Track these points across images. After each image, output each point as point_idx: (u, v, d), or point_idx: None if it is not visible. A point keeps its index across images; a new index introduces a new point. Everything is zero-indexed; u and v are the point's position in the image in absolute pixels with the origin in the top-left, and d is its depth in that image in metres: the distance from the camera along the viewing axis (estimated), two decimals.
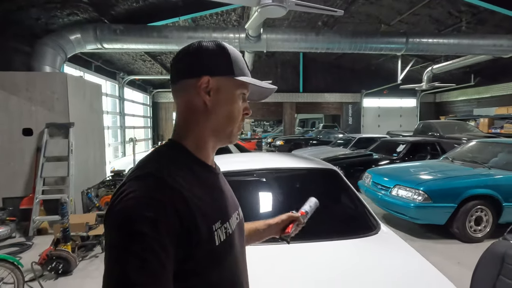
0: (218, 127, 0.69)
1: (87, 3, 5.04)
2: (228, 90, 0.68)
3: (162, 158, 0.65)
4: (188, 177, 0.62)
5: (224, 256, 0.65)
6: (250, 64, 8.36)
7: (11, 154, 4.26)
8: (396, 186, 4.10)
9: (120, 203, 0.54)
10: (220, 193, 0.71)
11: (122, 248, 0.51)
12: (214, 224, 0.63)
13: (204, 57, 0.67)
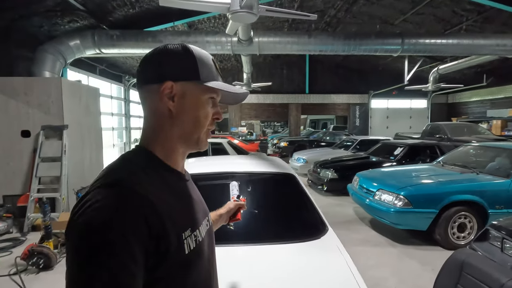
0: (185, 134, 0.67)
1: (84, 11, 5.28)
2: (194, 95, 0.66)
3: (129, 165, 0.63)
4: (156, 184, 0.61)
5: (194, 264, 0.64)
6: (249, 65, 8.45)
7: (10, 154, 4.54)
8: (379, 190, 4.06)
9: (84, 213, 0.51)
10: (189, 200, 0.70)
11: (88, 260, 0.48)
12: (184, 232, 0.61)
13: (167, 61, 0.65)
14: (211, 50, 6.01)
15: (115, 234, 0.49)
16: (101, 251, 0.48)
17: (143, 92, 0.67)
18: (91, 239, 0.49)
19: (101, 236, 0.49)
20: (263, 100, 14.20)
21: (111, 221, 0.50)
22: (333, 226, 3.91)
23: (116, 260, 0.48)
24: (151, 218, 0.54)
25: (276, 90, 14.22)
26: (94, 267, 0.48)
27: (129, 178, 0.57)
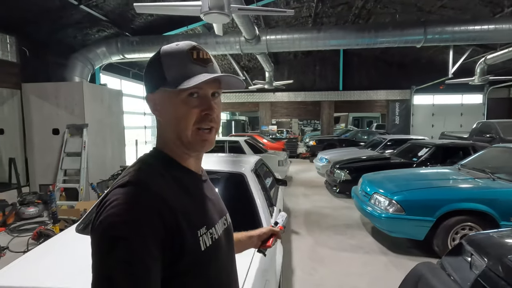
0: (176, 138, 0.68)
1: (108, 21, 5.86)
2: (167, 100, 0.67)
3: (145, 166, 0.66)
4: (171, 183, 0.64)
5: (211, 261, 0.66)
6: (268, 64, 8.40)
7: (45, 149, 5.29)
8: (375, 193, 3.77)
9: (103, 212, 0.56)
10: (204, 199, 0.72)
11: (107, 255, 0.52)
12: (199, 230, 0.64)
13: (147, 74, 0.69)
14: (221, 50, 6.18)
15: (130, 230, 0.53)
16: (118, 246, 0.52)
17: None
18: (109, 235, 0.53)
19: (118, 232, 0.53)
20: (294, 98, 13.99)
21: (127, 218, 0.54)
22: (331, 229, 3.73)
23: (133, 255, 0.52)
24: (165, 215, 0.57)
25: (308, 88, 13.89)
26: (112, 262, 0.51)
27: (145, 178, 0.61)
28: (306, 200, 6.05)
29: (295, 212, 5.18)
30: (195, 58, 0.66)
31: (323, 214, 5.08)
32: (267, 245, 1.04)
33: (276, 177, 3.82)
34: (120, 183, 0.61)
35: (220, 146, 7.77)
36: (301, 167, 10.61)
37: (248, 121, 21.76)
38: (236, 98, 14.37)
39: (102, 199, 0.59)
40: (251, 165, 2.74)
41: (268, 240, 1.05)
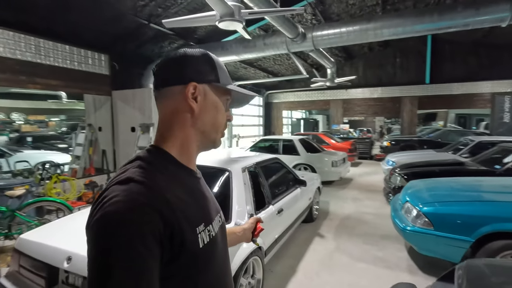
0: (204, 133, 0.71)
1: (174, 34, 6.80)
2: (214, 96, 0.71)
3: (144, 163, 0.65)
4: (169, 180, 0.63)
5: (208, 258, 0.66)
6: (326, 60, 8.06)
7: (126, 143, 6.57)
8: (406, 202, 3.31)
9: (101, 208, 0.55)
10: (202, 197, 0.72)
11: (107, 253, 0.51)
12: (198, 227, 0.64)
13: (190, 64, 0.69)
14: (269, 52, 6.34)
15: (130, 228, 0.52)
16: (117, 243, 0.51)
17: (163, 94, 0.70)
18: (108, 232, 0.52)
19: (118, 229, 0.52)
20: (369, 94, 12.88)
21: (126, 215, 0.53)
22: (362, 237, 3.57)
23: (132, 252, 0.51)
24: (165, 212, 0.56)
25: (386, 82, 12.55)
26: (111, 259, 0.51)
27: (145, 175, 0.60)
28: (353, 204, 5.64)
29: (332, 215, 4.94)
30: (228, 72, 0.77)
31: (362, 220, 4.69)
32: (257, 229, 1.13)
33: (297, 178, 3.78)
34: (119, 179, 0.60)
35: (274, 145, 7.97)
36: (370, 169, 9.78)
37: (327, 120, 21.02)
38: (306, 97, 14.21)
39: (100, 196, 0.58)
40: (247, 164, 2.85)
41: (257, 227, 1.14)
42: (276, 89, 14.62)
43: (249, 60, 10.19)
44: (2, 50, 4.67)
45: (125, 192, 0.56)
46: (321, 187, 5.03)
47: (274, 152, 7.75)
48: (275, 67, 11.72)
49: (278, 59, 10.86)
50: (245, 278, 2.30)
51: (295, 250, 3.59)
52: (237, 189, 2.46)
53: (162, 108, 0.71)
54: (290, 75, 12.24)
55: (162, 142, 0.70)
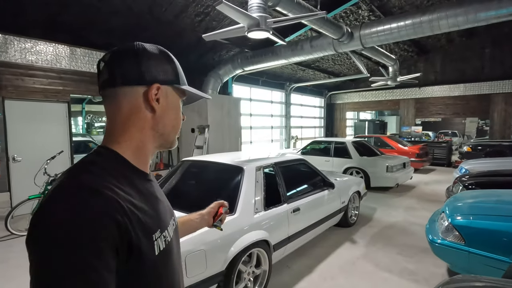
0: (163, 135, 0.69)
1: (229, 43, 7.40)
2: (174, 98, 0.71)
3: (94, 166, 0.60)
4: (124, 186, 0.59)
5: (164, 264, 0.65)
6: (386, 58, 7.50)
7: (187, 142, 7.45)
8: (443, 213, 3.00)
9: (46, 217, 0.49)
10: (156, 201, 0.69)
11: (55, 266, 0.46)
12: (154, 234, 0.61)
13: (152, 63, 0.66)
14: (317, 54, 6.33)
15: (83, 240, 0.48)
16: (68, 258, 0.46)
17: (118, 92, 0.64)
18: (56, 245, 0.47)
19: (68, 243, 0.47)
20: (448, 92, 11.30)
21: (76, 225, 0.48)
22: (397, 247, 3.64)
23: (85, 266, 0.47)
24: (120, 221, 0.53)
25: (471, 78, 10.82)
26: (60, 272, 0.46)
27: (93, 180, 0.55)
28: (404, 213, 5.19)
29: (374, 223, 4.68)
30: None
31: (406, 231, 4.32)
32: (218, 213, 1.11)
33: (326, 180, 3.78)
34: (64, 186, 0.55)
35: (326, 148, 7.83)
36: (441, 177, 8.65)
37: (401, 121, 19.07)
38: (372, 97, 13.32)
39: (42, 207, 0.52)
40: (263, 163, 3.05)
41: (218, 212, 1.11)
42: (339, 89, 14.13)
43: (306, 62, 10.20)
44: (95, 67, 5.95)
45: (75, 200, 0.51)
46: (362, 192, 4.81)
47: (325, 155, 7.64)
48: (335, 67, 11.39)
49: (337, 59, 10.56)
50: (247, 266, 2.53)
51: (319, 252, 3.61)
52: (246, 186, 2.70)
53: (116, 108, 0.65)
54: (352, 74, 11.71)
55: (114, 143, 0.65)
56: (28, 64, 5.09)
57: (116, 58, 0.65)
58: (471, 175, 5.20)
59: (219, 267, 2.24)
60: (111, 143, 0.65)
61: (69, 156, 5.67)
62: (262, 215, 2.69)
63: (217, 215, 1.11)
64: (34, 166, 4.73)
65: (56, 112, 5.52)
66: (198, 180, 3.24)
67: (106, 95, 0.66)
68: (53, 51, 5.38)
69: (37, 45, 5.19)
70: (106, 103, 0.67)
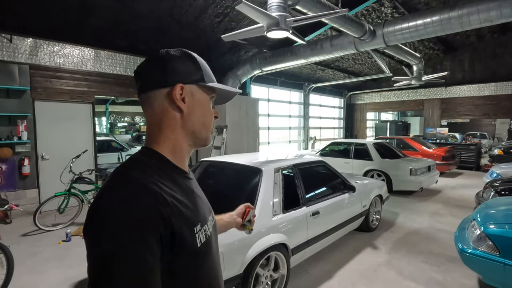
0: (194, 133, 0.72)
1: (248, 44, 7.39)
2: (201, 96, 0.72)
3: (141, 164, 0.66)
4: (166, 181, 0.64)
5: (205, 257, 0.69)
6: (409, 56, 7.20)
7: None
8: (474, 220, 2.82)
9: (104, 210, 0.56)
10: (196, 197, 0.73)
11: (109, 254, 0.52)
12: (195, 227, 0.66)
13: (174, 65, 0.69)
14: (337, 53, 6.18)
15: (133, 229, 0.53)
16: (120, 244, 0.52)
17: (150, 97, 0.69)
18: (110, 233, 0.53)
19: (120, 230, 0.53)
20: (477, 91, 10.71)
21: (128, 216, 0.54)
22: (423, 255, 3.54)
23: (135, 252, 0.52)
24: (165, 214, 0.58)
25: (504, 76, 10.19)
26: (114, 260, 0.52)
27: (141, 176, 0.61)
28: (429, 219, 4.95)
29: (396, 228, 4.49)
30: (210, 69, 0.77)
31: (433, 238, 4.11)
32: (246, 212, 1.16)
33: (346, 183, 3.67)
34: (119, 181, 0.61)
35: (345, 149, 7.63)
36: (470, 182, 8.21)
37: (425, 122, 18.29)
38: (394, 97, 12.89)
39: (97, 199, 0.58)
40: (282, 165, 2.99)
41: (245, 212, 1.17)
42: (359, 89, 13.78)
43: (326, 61, 10.02)
44: (118, 69, 6.14)
45: (126, 194, 0.57)
46: (385, 196, 4.64)
47: (345, 156, 7.46)
48: (356, 66, 11.10)
49: (358, 58, 10.29)
50: (264, 270, 2.48)
51: (339, 256, 3.50)
52: (265, 187, 2.66)
53: (151, 111, 0.70)
54: (373, 74, 11.37)
55: (154, 144, 0.70)
56: (56, 66, 5.32)
57: (145, 66, 0.71)
58: (504, 180, 4.88)
59: (237, 270, 2.21)
60: (152, 144, 0.70)
61: (92, 155, 5.87)
62: (280, 218, 2.63)
63: (245, 215, 1.16)
64: (61, 164, 4.93)
65: (81, 112, 5.73)
66: (216, 181, 3.24)
67: (142, 101, 0.72)
68: (79, 53, 5.59)
69: (65, 48, 5.42)
70: (143, 108, 0.72)
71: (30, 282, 2.89)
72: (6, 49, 4.79)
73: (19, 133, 4.85)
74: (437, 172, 7.14)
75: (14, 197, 4.82)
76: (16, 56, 4.89)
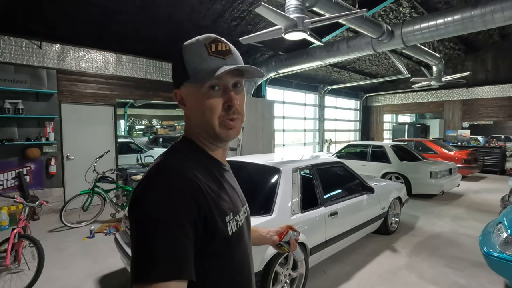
0: (203, 130, 0.72)
1: (264, 46, 7.46)
2: (192, 93, 0.69)
3: (179, 153, 0.70)
4: (201, 170, 0.67)
5: (236, 245, 0.71)
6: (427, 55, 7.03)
7: None
8: (500, 223, 2.73)
9: (143, 195, 0.60)
10: (230, 188, 0.76)
11: (148, 233, 0.56)
12: (227, 216, 0.68)
13: (173, 69, 0.73)
14: (354, 54, 6.14)
15: (169, 213, 0.57)
16: (157, 225, 0.56)
17: None
18: (149, 217, 0.57)
19: (158, 214, 0.57)
20: (501, 92, 10.30)
21: (165, 201, 0.58)
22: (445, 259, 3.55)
23: (170, 234, 0.56)
24: (199, 200, 0.61)
25: None
26: (151, 239, 0.56)
27: (180, 164, 0.65)
28: (451, 222, 4.80)
29: (417, 231, 4.38)
30: (214, 51, 0.68)
31: (455, 242, 3.98)
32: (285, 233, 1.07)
33: (364, 184, 3.63)
34: (159, 167, 0.65)
35: (362, 151, 7.53)
36: (494, 186, 7.90)
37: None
38: (412, 98, 12.59)
39: (142, 181, 0.63)
40: (300, 165, 3.01)
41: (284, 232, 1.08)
42: (376, 91, 13.55)
43: (342, 63, 9.94)
44: (138, 73, 6.34)
45: (163, 180, 0.61)
46: (404, 199, 4.54)
47: (362, 159, 7.35)
48: (373, 68, 10.94)
49: (375, 59, 10.14)
50: (283, 268, 2.50)
51: (357, 258, 3.46)
52: (283, 187, 2.68)
53: None
54: (391, 75, 11.17)
55: (191, 135, 0.75)
56: (81, 71, 5.57)
57: None
58: None
59: (256, 267, 2.24)
60: (189, 134, 0.75)
61: (114, 156, 6.08)
62: (299, 217, 2.65)
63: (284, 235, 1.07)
64: (84, 164, 5.14)
65: (104, 114, 5.95)
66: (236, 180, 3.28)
67: None
68: (102, 58, 5.83)
69: (89, 53, 5.67)
70: None
71: (57, 275, 3.02)
72: (36, 55, 5.07)
73: (47, 134, 5.10)
74: (458, 176, 6.91)
75: (41, 195, 5.06)
76: (45, 61, 5.16)
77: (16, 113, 4.80)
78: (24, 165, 5.03)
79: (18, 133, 4.95)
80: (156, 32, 5.88)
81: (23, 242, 2.98)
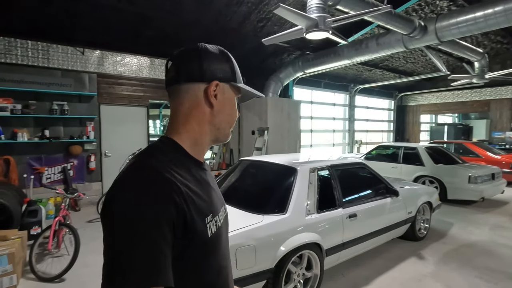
0: (219, 129, 0.75)
1: (290, 46, 7.44)
2: (230, 94, 0.76)
3: (158, 153, 0.67)
4: (181, 170, 0.66)
5: (215, 247, 0.70)
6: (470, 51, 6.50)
7: (248, 144, 7.73)
8: None
9: (119, 194, 0.57)
10: (209, 188, 0.74)
11: (123, 237, 0.53)
12: (207, 217, 0.67)
13: (212, 62, 0.72)
14: (384, 52, 5.91)
15: (147, 215, 0.55)
16: (132, 228, 0.54)
17: (182, 88, 0.71)
18: (124, 217, 0.55)
19: (133, 215, 0.54)
20: None
21: (142, 201, 0.55)
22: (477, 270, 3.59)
23: (147, 237, 0.54)
24: (178, 202, 0.59)
25: None
26: (126, 243, 0.53)
27: (158, 164, 0.63)
28: (489, 232, 4.43)
29: (448, 239, 4.11)
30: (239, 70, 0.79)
31: (490, 252, 3.68)
32: None
33: (389, 187, 3.50)
34: (136, 167, 0.63)
35: (393, 153, 7.20)
36: None
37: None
38: (453, 97, 11.73)
39: (115, 182, 0.60)
40: (319, 165, 2.99)
41: None
42: (412, 90, 12.82)
43: (373, 61, 9.57)
44: (159, 74, 6.67)
45: (140, 179, 0.58)
46: (435, 204, 4.28)
47: (393, 161, 7.03)
48: (408, 65, 10.38)
49: (410, 56, 9.62)
50: (297, 267, 2.51)
51: (379, 263, 3.34)
52: (299, 187, 2.69)
53: (179, 102, 0.72)
54: (428, 73, 10.51)
55: (175, 134, 0.72)
56: (118, 74, 6.01)
57: (182, 57, 0.73)
58: None
59: (268, 264, 2.29)
60: (172, 133, 0.72)
61: None
62: (314, 217, 2.64)
63: None
64: (120, 161, 5.54)
65: (138, 115, 6.36)
66: (253, 179, 3.35)
67: (171, 90, 0.74)
68: (136, 62, 6.23)
69: (125, 58, 6.09)
70: (171, 98, 0.74)
71: (93, 261, 3.32)
72: (79, 61, 5.57)
73: (88, 133, 5.58)
74: (503, 181, 6.33)
75: (82, 189, 5.55)
76: (87, 66, 5.66)
77: (62, 113, 5.32)
78: (68, 161, 5.55)
79: (63, 132, 5.48)
80: (185, 35, 6.15)
81: (63, 229, 3.32)
